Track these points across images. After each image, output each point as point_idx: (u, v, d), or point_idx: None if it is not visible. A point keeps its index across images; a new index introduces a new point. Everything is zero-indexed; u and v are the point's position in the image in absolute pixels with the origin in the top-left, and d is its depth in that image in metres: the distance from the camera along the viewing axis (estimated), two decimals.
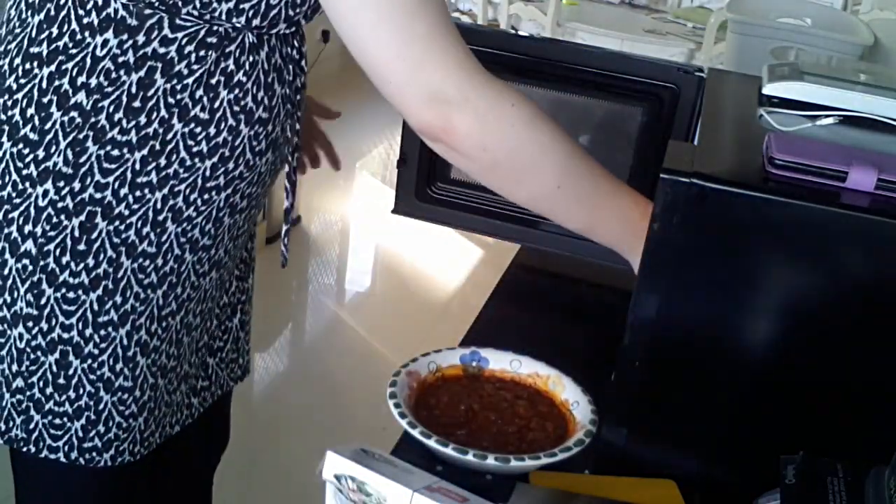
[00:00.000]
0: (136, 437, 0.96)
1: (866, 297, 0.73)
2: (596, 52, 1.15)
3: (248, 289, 1.14)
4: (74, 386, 0.91)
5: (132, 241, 0.87)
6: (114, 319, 0.90)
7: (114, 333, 0.90)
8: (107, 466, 0.96)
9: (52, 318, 0.89)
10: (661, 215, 0.74)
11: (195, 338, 1.00)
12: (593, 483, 0.80)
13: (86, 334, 0.89)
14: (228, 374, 1.12)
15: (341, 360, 2.84)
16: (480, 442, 0.81)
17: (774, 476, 0.68)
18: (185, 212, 0.88)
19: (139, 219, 0.87)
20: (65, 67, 0.83)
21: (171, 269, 0.90)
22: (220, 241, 0.93)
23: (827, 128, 0.87)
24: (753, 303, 0.76)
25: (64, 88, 0.83)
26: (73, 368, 0.91)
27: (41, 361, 0.91)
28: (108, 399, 0.93)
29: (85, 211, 0.85)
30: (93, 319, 0.89)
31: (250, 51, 0.85)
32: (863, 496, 0.63)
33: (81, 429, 0.93)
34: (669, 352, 0.79)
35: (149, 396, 0.95)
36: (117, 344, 0.91)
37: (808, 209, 0.71)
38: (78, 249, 0.86)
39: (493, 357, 0.92)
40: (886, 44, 1.92)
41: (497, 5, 4.43)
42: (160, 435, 1.00)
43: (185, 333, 0.96)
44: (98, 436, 0.94)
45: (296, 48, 0.91)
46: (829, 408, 0.77)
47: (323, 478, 0.68)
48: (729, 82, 1.04)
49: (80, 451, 0.94)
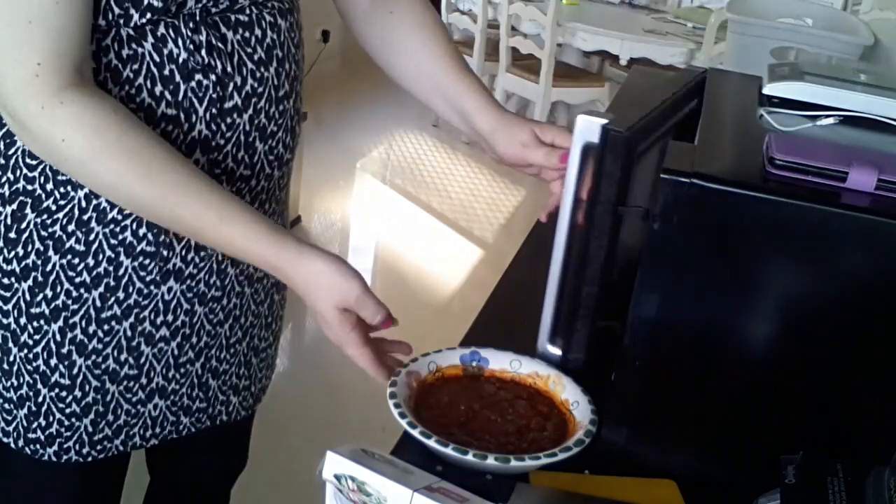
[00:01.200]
0: (82, 437, 0.95)
1: (866, 297, 0.73)
2: None
3: (266, 314, 1.07)
4: (15, 373, 0.92)
5: (59, 235, 0.87)
6: (45, 313, 0.89)
7: (46, 327, 0.90)
8: (54, 462, 0.95)
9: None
10: (661, 215, 0.74)
11: (170, 351, 0.95)
12: (593, 483, 0.80)
13: (21, 322, 0.90)
14: (240, 402, 1.07)
15: (341, 360, 2.83)
16: (480, 442, 0.81)
17: (774, 476, 0.68)
18: (109, 213, 0.87)
19: (65, 215, 0.86)
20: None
21: (105, 271, 0.88)
22: (166, 249, 0.90)
23: (827, 128, 0.87)
24: (753, 303, 0.76)
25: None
26: (12, 355, 0.91)
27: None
28: (45, 393, 0.92)
29: (16, 201, 0.86)
30: (26, 309, 0.89)
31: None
32: (863, 496, 0.63)
33: (24, 418, 0.93)
34: (669, 352, 0.79)
35: (94, 399, 0.93)
36: (50, 339, 0.90)
37: (808, 209, 0.71)
38: (9, 237, 0.88)
39: (493, 357, 0.92)
40: (886, 44, 1.92)
41: (497, 5, 4.43)
42: (123, 443, 0.98)
43: (143, 342, 0.93)
44: (40, 428, 0.94)
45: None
46: (829, 408, 0.77)
47: (323, 478, 0.68)
48: (729, 82, 1.04)
49: (25, 441, 0.95)
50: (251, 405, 1.11)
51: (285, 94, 0.93)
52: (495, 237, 3.81)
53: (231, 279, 0.97)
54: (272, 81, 0.90)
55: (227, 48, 0.86)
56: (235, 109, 0.88)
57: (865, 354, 0.75)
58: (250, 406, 1.10)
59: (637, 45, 4.20)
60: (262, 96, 0.90)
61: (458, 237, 3.71)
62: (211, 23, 0.84)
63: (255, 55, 0.88)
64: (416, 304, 3.11)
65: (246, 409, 1.09)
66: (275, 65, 0.90)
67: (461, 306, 3.14)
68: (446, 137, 4.90)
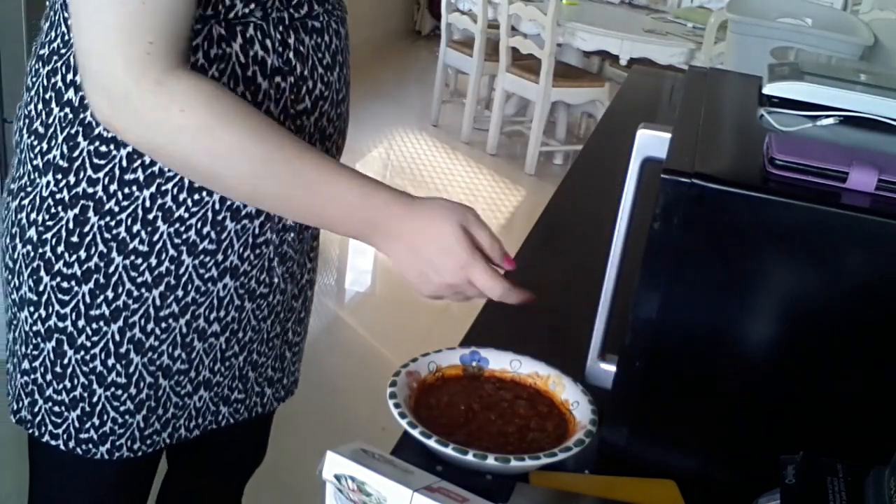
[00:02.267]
0: (134, 433, 0.96)
1: (866, 298, 0.73)
2: None
3: (299, 309, 1.10)
4: (69, 376, 0.93)
5: (122, 237, 0.88)
6: (105, 314, 0.90)
7: (105, 328, 0.91)
8: (104, 459, 0.96)
9: (49, 306, 0.90)
10: (662, 215, 0.74)
11: (219, 346, 0.98)
12: (593, 483, 0.80)
13: (79, 325, 0.90)
14: (273, 394, 1.10)
15: (341, 360, 2.84)
16: (480, 442, 0.81)
17: (774, 476, 0.68)
18: (175, 212, 0.88)
19: (129, 216, 0.87)
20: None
21: (167, 270, 0.90)
22: (226, 247, 0.92)
23: (827, 128, 0.87)
24: (753, 303, 0.76)
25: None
26: (67, 358, 0.92)
27: (41, 347, 0.93)
28: (101, 393, 0.93)
29: (78, 205, 0.87)
30: (85, 311, 0.90)
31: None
32: (863, 496, 0.63)
33: (77, 419, 0.94)
34: (669, 352, 0.79)
35: (147, 395, 0.95)
36: (109, 339, 0.91)
37: (808, 209, 0.71)
38: (71, 241, 0.88)
39: (493, 357, 0.92)
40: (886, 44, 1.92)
41: (497, 5, 4.43)
42: (169, 436, 1.00)
43: (196, 338, 0.95)
44: (93, 428, 0.95)
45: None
46: (829, 408, 0.77)
47: (323, 478, 0.68)
48: (729, 82, 1.04)
49: (76, 441, 0.95)
50: (283, 397, 1.14)
51: (343, 98, 0.98)
52: None
53: (277, 277, 1.00)
54: (335, 86, 0.95)
55: (304, 52, 0.89)
56: (305, 112, 0.91)
57: (865, 354, 0.75)
58: (282, 398, 1.13)
59: (637, 45, 4.20)
60: (327, 100, 0.94)
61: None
62: (295, 27, 0.88)
63: (325, 60, 0.92)
64: (416, 304, 3.11)
65: (278, 400, 1.12)
66: (338, 70, 0.94)
67: (461, 306, 3.13)
68: (446, 137, 4.90)
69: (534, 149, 4.51)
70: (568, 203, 1.51)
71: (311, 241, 1.07)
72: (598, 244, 0.94)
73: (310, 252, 1.08)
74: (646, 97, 2.24)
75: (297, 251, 1.02)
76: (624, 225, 0.85)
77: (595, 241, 1.07)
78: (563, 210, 1.48)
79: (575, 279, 1.22)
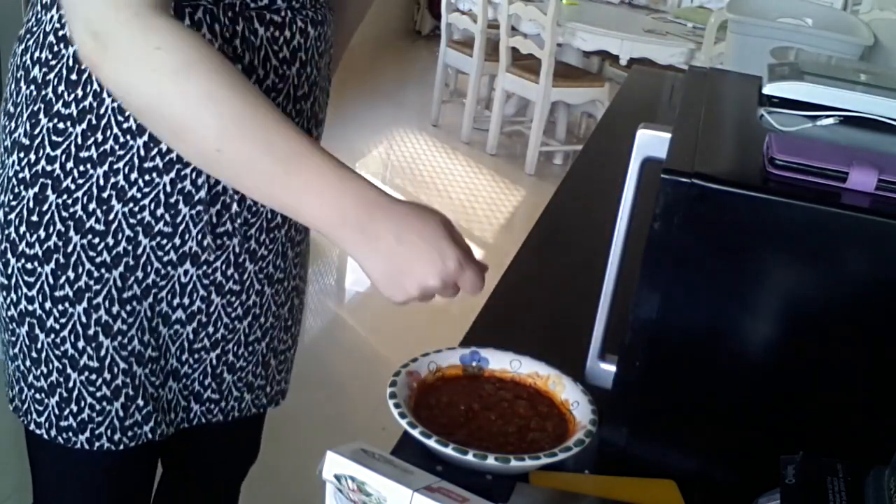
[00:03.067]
0: (113, 422, 0.96)
1: (866, 298, 0.73)
2: None
3: (286, 317, 1.08)
4: (45, 360, 0.93)
5: (79, 215, 0.88)
6: (69, 295, 0.90)
7: (71, 309, 0.91)
8: (85, 450, 0.96)
9: (18, 289, 0.91)
10: (662, 215, 0.74)
11: (185, 335, 0.98)
12: (593, 483, 0.80)
13: (46, 307, 0.91)
14: (253, 400, 1.08)
15: (341, 360, 2.84)
16: (480, 442, 0.81)
17: (774, 476, 0.68)
18: (128, 191, 0.88)
19: (84, 194, 0.87)
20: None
21: (124, 251, 0.90)
22: (183, 231, 0.91)
23: (827, 128, 0.87)
24: (753, 303, 0.76)
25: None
26: (40, 342, 0.93)
27: (17, 332, 0.93)
28: (76, 378, 0.93)
29: (38, 183, 0.87)
30: (50, 293, 0.90)
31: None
32: (863, 496, 0.63)
33: (56, 406, 0.95)
34: (669, 352, 0.79)
35: (123, 382, 0.95)
36: (76, 321, 0.91)
37: (808, 210, 0.71)
38: (32, 220, 0.89)
39: (493, 357, 0.92)
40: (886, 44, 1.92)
41: (497, 5, 4.43)
42: (151, 430, 0.99)
43: (160, 323, 0.95)
44: (72, 415, 0.95)
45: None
46: (829, 408, 0.77)
47: (323, 478, 0.68)
48: (729, 82, 1.04)
49: (57, 430, 0.96)
50: (264, 405, 1.11)
51: (303, 95, 0.95)
52: (495, 237, 3.81)
53: (250, 275, 0.99)
54: (293, 81, 0.93)
55: (255, 42, 0.88)
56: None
57: (865, 354, 0.75)
58: (263, 406, 1.11)
59: (637, 45, 4.20)
60: (281, 92, 0.92)
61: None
62: (247, 16, 0.87)
63: (281, 53, 0.91)
64: (416, 304, 3.10)
65: (258, 407, 1.10)
66: (297, 65, 0.93)
67: (461, 306, 3.14)
68: (446, 137, 4.90)
69: (534, 149, 4.51)
70: (568, 203, 1.51)
71: (291, 245, 1.04)
72: (598, 244, 0.94)
73: (294, 258, 1.06)
74: (646, 97, 2.24)
75: (273, 252, 1.01)
76: (624, 225, 0.85)
77: (595, 241, 1.07)
78: (563, 210, 1.48)
79: (575, 279, 1.22)
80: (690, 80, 1.04)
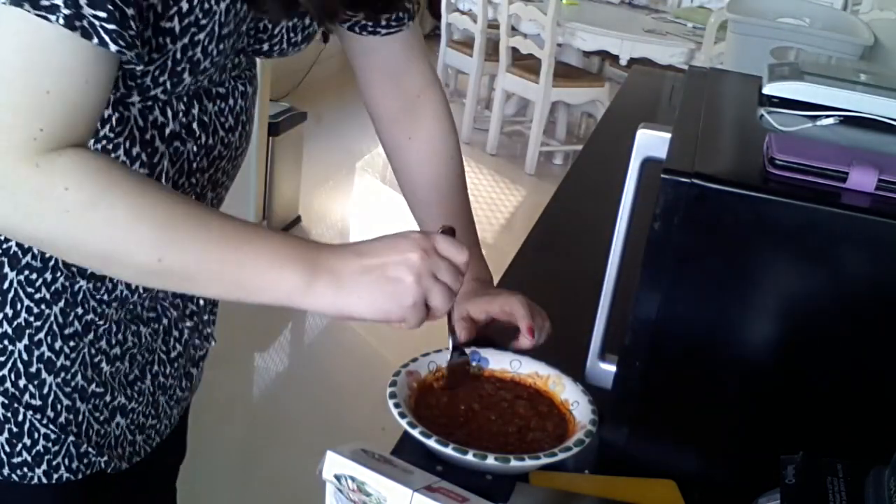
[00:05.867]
0: (70, 451, 0.91)
1: (866, 298, 0.73)
2: None
3: (198, 323, 1.05)
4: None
5: (14, 252, 0.84)
6: (8, 332, 0.86)
7: (11, 347, 0.86)
8: (43, 484, 0.91)
9: None
10: (662, 215, 0.74)
11: (119, 370, 0.94)
12: (593, 483, 0.80)
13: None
14: (178, 412, 1.06)
15: (341, 360, 2.84)
16: (480, 442, 0.81)
17: (774, 476, 0.68)
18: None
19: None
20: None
21: (62, 287, 0.86)
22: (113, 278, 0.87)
23: (827, 128, 0.87)
24: (753, 303, 0.76)
25: None
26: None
27: None
28: (24, 412, 0.89)
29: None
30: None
31: None
32: (863, 496, 0.63)
33: (6, 442, 0.89)
34: (669, 352, 0.79)
35: (66, 420, 0.90)
36: (17, 358, 0.87)
37: (808, 209, 0.71)
38: None
39: (493, 357, 0.92)
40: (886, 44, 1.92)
41: (497, 5, 4.43)
42: (106, 463, 0.95)
43: (102, 360, 0.91)
44: (25, 449, 0.90)
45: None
46: (829, 408, 0.77)
47: (323, 478, 0.68)
48: (729, 82, 1.04)
49: (10, 467, 0.90)
50: (185, 408, 1.10)
51: (241, 152, 0.95)
52: (495, 237, 3.81)
53: (158, 299, 0.96)
54: (234, 144, 0.92)
55: (207, 120, 0.87)
56: (201, 170, 0.89)
57: (865, 354, 0.75)
58: (184, 409, 1.10)
59: (637, 45, 4.20)
60: (224, 158, 0.92)
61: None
62: (198, 96, 0.85)
63: (227, 123, 0.89)
64: None
65: (181, 413, 1.08)
66: (240, 129, 0.92)
67: None
68: None
69: (534, 149, 4.51)
70: (568, 203, 1.51)
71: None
72: (598, 244, 0.94)
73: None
74: (646, 97, 2.24)
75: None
76: (624, 225, 0.85)
77: (595, 241, 1.07)
78: (563, 210, 1.48)
79: (575, 279, 1.22)
80: (690, 80, 1.04)
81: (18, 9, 0.65)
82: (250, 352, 2.79)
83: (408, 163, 1.08)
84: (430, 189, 1.07)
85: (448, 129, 1.09)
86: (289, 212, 3.57)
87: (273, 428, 2.45)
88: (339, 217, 3.84)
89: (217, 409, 2.34)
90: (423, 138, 1.07)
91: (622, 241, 0.85)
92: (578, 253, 1.32)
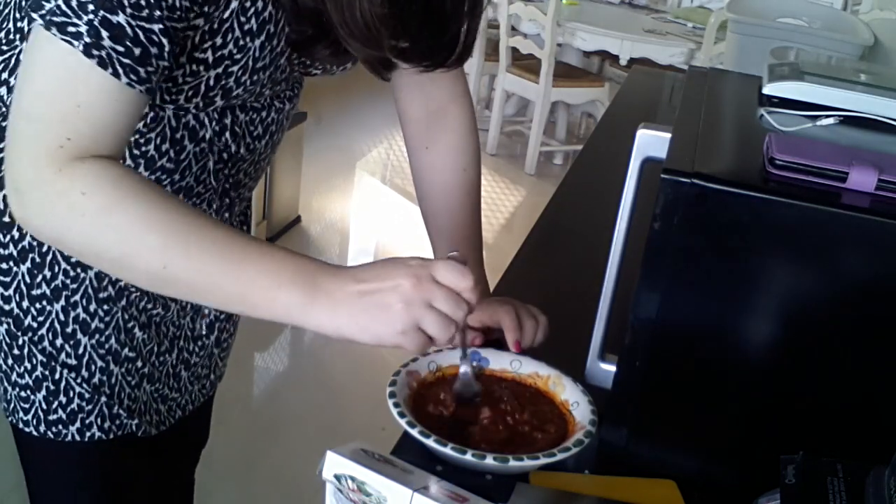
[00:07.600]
0: (103, 410, 0.96)
1: (866, 298, 0.73)
2: None
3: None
4: (27, 357, 0.94)
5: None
6: (46, 294, 0.92)
7: (49, 307, 0.92)
8: (76, 441, 0.96)
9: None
10: (662, 215, 0.74)
11: (151, 338, 0.99)
12: (593, 483, 0.80)
13: (23, 306, 0.92)
14: (199, 390, 1.11)
15: (341, 360, 2.84)
16: (480, 442, 0.81)
17: (774, 476, 0.68)
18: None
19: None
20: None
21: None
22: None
23: (827, 128, 0.87)
24: (753, 303, 0.76)
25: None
26: (20, 340, 0.93)
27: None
28: (60, 370, 0.94)
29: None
30: (27, 292, 0.91)
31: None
32: (863, 496, 0.63)
33: (44, 400, 0.95)
34: (669, 352, 0.79)
35: (99, 381, 0.95)
36: (54, 318, 0.93)
37: (808, 209, 0.71)
38: (4, 221, 0.90)
39: (493, 357, 0.92)
40: (886, 44, 1.92)
41: (497, 5, 4.42)
42: (137, 426, 1.00)
43: (135, 326, 0.96)
44: (61, 406, 0.95)
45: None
46: (829, 408, 0.77)
47: (323, 478, 0.68)
48: (729, 82, 1.04)
49: (46, 424, 0.96)
50: (209, 392, 1.15)
51: (265, 157, 1.00)
52: (495, 237, 3.81)
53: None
54: (259, 151, 0.97)
55: (239, 131, 0.92)
56: (222, 170, 0.94)
57: (865, 354, 0.75)
58: (208, 393, 1.14)
59: (637, 45, 4.20)
60: (247, 161, 0.96)
61: None
62: (231, 107, 0.89)
63: (256, 131, 0.94)
64: None
65: (204, 395, 1.13)
66: (267, 137, 0.96)
67: None
68: None
69: (534, 149, 4.51)
70: (568, 203, 1.51)
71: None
72: (598, 244, 0.94)
73: None
74: (646, 97, 2.24)
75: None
76: (624, 225, 0.85)
77: (595, 241, 1.07)
78: (563, 210, 1.48)
79: (575, 279, 1.22)
80: (690, 80, 1.04)
81: (48, 32, 0.70)
82: (250, 352, 2.79)
83: (421, 171, 1.11)
84: (438, 200, 1.09)
85: (466, 144, 1.11)
86: (289, 211, 3.57)
87: (273, 428, 2.45)
88: (338, 217, 3.84)
89: (217, 409, 2.34)
90: (440, 150, 1.10)
91: (622, 241, 0.85)
92: (578, 253, 1.32)
